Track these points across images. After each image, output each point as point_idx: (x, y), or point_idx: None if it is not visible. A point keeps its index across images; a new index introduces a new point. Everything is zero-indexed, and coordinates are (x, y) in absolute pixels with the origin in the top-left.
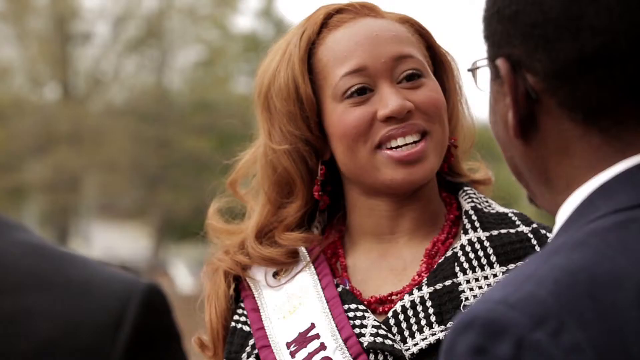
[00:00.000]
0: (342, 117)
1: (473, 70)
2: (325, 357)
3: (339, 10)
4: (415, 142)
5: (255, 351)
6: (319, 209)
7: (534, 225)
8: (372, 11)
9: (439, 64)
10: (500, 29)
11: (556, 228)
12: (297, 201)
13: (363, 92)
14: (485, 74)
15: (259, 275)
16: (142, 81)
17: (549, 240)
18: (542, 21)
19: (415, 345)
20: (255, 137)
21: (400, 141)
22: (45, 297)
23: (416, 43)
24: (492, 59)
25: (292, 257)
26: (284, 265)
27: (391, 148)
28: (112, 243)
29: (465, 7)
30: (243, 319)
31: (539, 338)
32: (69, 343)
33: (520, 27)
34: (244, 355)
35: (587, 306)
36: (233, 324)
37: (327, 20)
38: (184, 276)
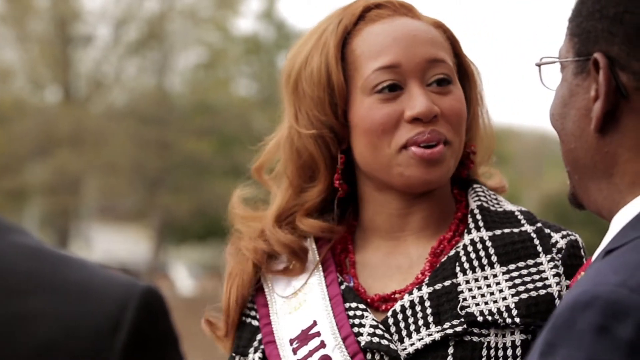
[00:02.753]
0: (369, 111)
1: (540, 65)
2: (324, 355)
3: (378, 5)
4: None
5: (262, 346)
6: (337, 197)
7: (539, 225)
8: (409, 11)
9: (464, 72)
10: (600, 27)
11: (622, 223)
12: (318, 185)
13: (393, 89)
14: (552, 69)
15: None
16: (143, 83)
17: (607, 236)
18: None
19: (411, 345)
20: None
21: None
22: (43, 300)
23: (447, 49)
24: (581, 54)
25: (304, 253)
26: (296, 257)
27: (417, 146)
28: (112, 245)
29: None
30: (253, 313)
31: None
32: (68, 346)
33: (625, 27)
34: (251, 350)
35: None
36: (243, 318)
37: (365, 13)
38: (184, 278)
